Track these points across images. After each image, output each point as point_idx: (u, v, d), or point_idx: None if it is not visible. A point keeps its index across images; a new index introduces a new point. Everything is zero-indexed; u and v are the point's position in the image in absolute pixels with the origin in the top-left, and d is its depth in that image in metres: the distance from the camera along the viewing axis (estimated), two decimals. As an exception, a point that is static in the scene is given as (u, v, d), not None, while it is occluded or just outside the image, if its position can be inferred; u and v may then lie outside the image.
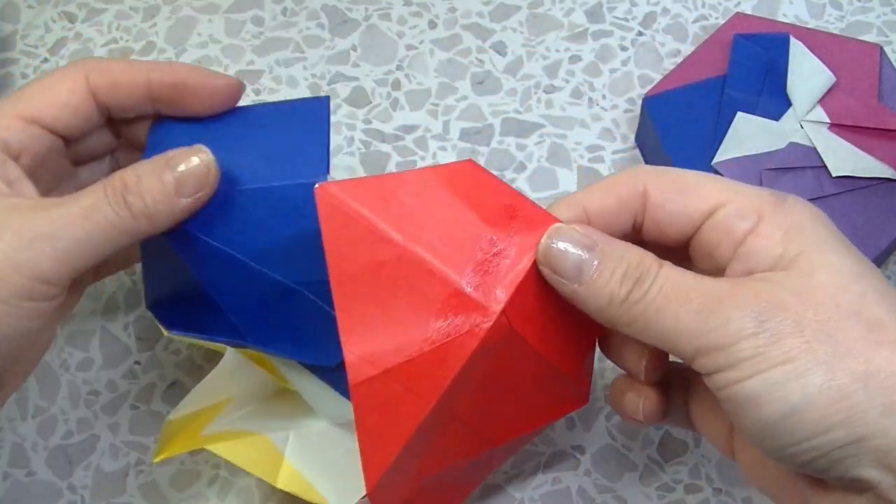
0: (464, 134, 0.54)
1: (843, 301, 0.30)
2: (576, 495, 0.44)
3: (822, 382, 0.29)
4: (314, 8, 0.58)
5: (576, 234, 0.33)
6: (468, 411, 0.34)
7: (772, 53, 0.51)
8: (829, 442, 0.29)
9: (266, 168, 0.35)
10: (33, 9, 0.58)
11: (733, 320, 0.30)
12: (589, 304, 0.32)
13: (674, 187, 0.33)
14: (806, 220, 0.32)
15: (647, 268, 0.32)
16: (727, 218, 0.32)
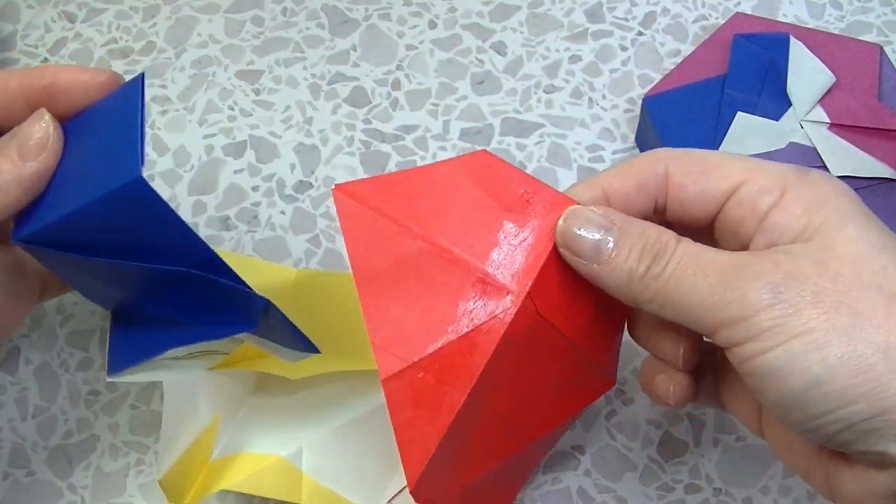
0: (464, 134, 0.54)
1: (865, 272, 0.30)
2: (576, 495, 0.44)
3: (842, 353, 0.29)
4: (314, 8, 0.58)
5: (593, 214, 0.33)
6: (503, 403, 0.34)
7: (772, 53, 0.51)
8: (852, 414, 0.29)
9: (91, 176, 0.33)
10: (33, 9, 0.58)
11: (751, 292, 0.30)
12: (609, 282, 0.33)
13: (696, 168, 0.34)
14: (829, 192, 0.32)
15: (665, 244, 0.32)
16: (750, 194, 0.33)
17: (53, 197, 0.34)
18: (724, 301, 0.30)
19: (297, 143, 0.53)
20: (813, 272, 0.30)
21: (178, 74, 0.55)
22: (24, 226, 0.34)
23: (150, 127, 0.54)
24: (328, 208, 0.51)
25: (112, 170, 0.32)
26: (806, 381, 0.29)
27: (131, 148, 0.31)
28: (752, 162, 0.33)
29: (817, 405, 0.29)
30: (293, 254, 0.50)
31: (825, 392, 0.29)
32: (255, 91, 0.55)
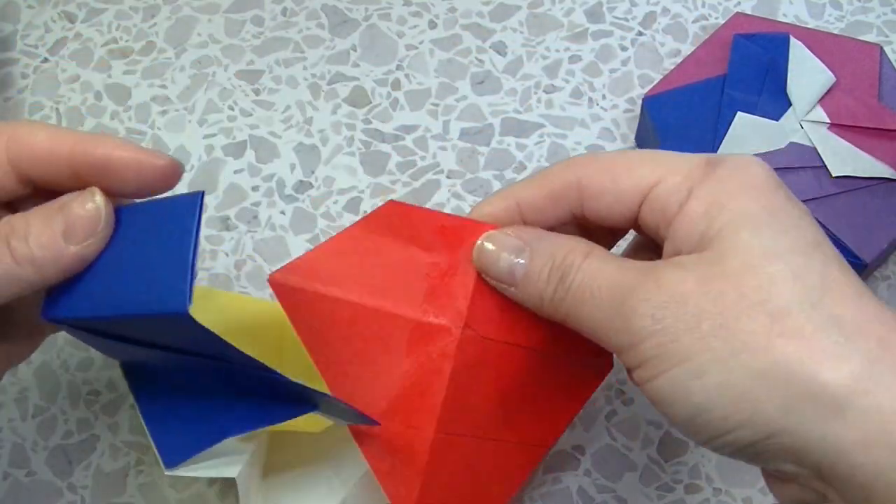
0: (464, 134, 0.54)
1: (749, 288, 0.29)
2: (576, 495, 0.44)
3: (719, 381, 0.28)
4: (314, 8, 0.58)
5: (505, 237, 0.33)
6: (492, 427, 0.34)
7: (772, 53, 0.51)
8: (738, 439, 0.29)
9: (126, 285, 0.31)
10: (33, 9, 0.58)
11: (634, 319, 0.29)
12: (527, 303, 0.33)
13: (606, 176, 0.33)
14: (733, 189, 0.30)
15: (570, 264, 0.32)
16: (659, 198, 0.32)
17: (91, 284, 0.32)
18: (613, 328, 0.30)
19: (297, 143, 0.53)
20: (696, 293, 0.29)
21: (178, 74, 0.55)
22: (55, 307, 0.32)
23: (150, 127, 0.54)
24: (328, 208, 0.51)
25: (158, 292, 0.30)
26: (690, 409, 0.29)
27: (181, 279, 0.30)
28: (662, 159, 0.32)
29: (705, 431, 0.29)
30: (293, 254, 0.50)
31: (708, 420, 0.29)
32: (255, 91, 0.55)
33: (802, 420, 0.27)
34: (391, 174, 0.52)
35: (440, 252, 0.33)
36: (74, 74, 0.55)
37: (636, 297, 0.30)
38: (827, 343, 0.28)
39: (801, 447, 0.28)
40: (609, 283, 0.31)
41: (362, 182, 0.52)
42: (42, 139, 0.33)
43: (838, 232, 0.46)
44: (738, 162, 0.31)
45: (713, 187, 0.31)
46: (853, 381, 0.27)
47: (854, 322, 0.28)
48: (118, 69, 0.56)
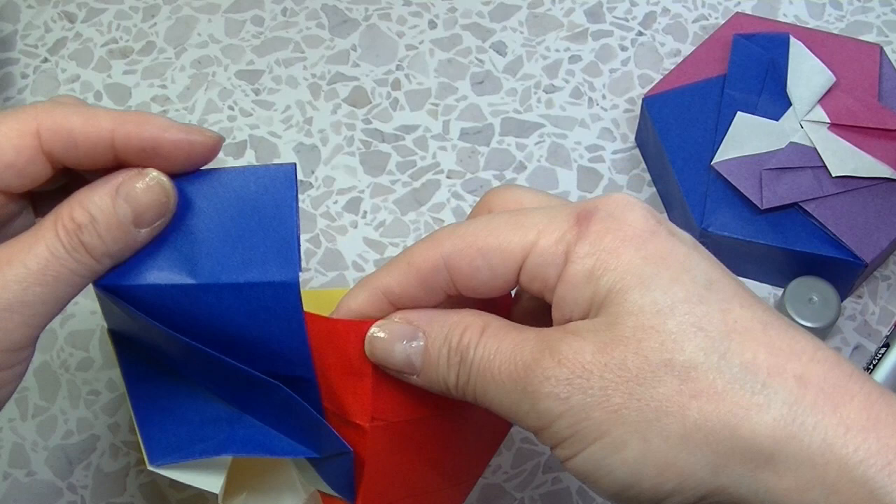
0: (464, 134, 0.54)
1: (649, 352, 0.27)
2: (576, 495, 0.44)
3: (641, 453, 0.27)
4: (314, 8, 0.58)
5: (394, 325, 0.31)
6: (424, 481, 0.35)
7: (772, 53, 0.51)
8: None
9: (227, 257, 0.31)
10: (33, 9, 0.58)
11: (540, 401, 0.28)
12: (434, 390, 0.31)
13: (474, 252, 0.30)
14: (610, 246, 0.29)
15: (468, 343, 0.30)
16: (535, 267, 0.30)
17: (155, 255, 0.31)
18: (522, 411, 0.29)
19: (297, 143, 0.53)
20: (598, 364, 0.28)
21: (178, 74, 0.55)
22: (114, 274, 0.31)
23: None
24: (328, 208, 0.51)
25: (261, 262, 0.30)
26: (615, 484, 0.28)
27: (289, 248, 0.30)
28: (529, 223, 0.30)
29: (638, 502, 0.28)
30: (293, 254, 0.50)
31: (637, 493, 0.28)
32: (255, 91, 0.55)
33: (732, 477, 0.27)
34: (391, 174, 0.52)
35: (329, 356, 0.32)
36: (74, 74, 0.55)
37: (537, 377, 0.28)
38: (743, 395, 0.27)
39: (739, 501, 0.27)
40: (508, 362, 0.29)
41: (362, 182, 0.52)
42: (80, 123, 0.31)
43: (838, 232, 0.46)
44: (610, 210, 0.29)
45: (590, 247, 0.29)
46: (776, 428, 0.27)
47: (767, 365, 0.27)
48: (118, 69, 0.56)
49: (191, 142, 0.31)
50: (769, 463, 0.27)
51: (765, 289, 0.50)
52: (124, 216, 0.30)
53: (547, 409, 0.28)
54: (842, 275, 0.47)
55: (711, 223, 0.47)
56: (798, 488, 0.27)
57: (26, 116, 0.31)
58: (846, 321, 0.49)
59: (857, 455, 0.26)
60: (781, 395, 0.27)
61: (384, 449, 0.33)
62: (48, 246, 0.30)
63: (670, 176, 0.49)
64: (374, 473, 0.34)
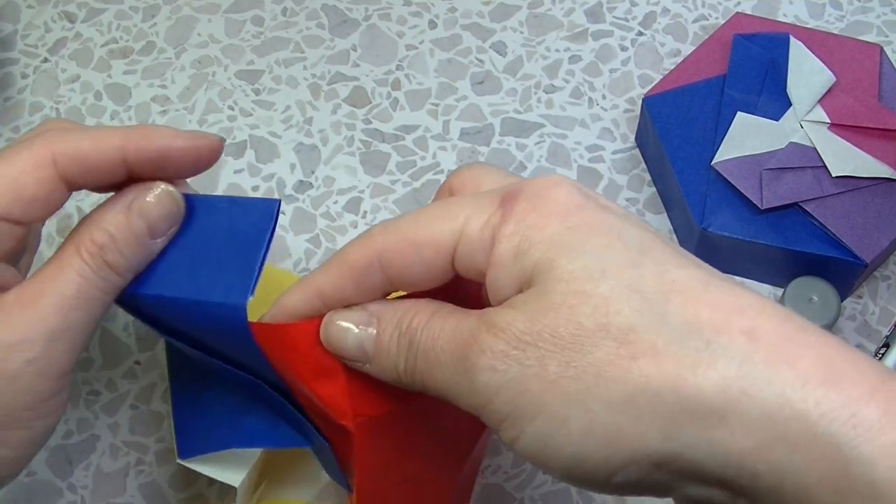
0: (464, 134, 0.54)
1: (585, 315, 0.26)
2: (576, 495, 0.44)
3: (585, 424, 0.26)
4: (314, 8, 0.58)
5: (348, 313, 0.31)
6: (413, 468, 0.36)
7: (772, 53, 0.51)
8: (629, 476, 0.26)
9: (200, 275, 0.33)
10: (33, 9, 0.58)
11: (477, 375, 0.27)
12: (385, 378, 0.31)
13: (407, 246, 0.30)
14: (534, 222, 0.28)
15: (416, 326, 0.29)
16: (466, 255, 0.29)
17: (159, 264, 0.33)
18: (462, 390, 0.28)
19: (297, 143, 0.53)
20: (532, 332, 0.26)
21: (178, 74, 0.55)
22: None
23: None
24: (328, 208, 0.51)
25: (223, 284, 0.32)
26: (565, 462, 0.26)
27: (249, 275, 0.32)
28: (456, 210, 0.30)
29: (592, 479, 0.27)
30: (293, 254, 0.50)
31: (588, 469, 0.26)
32: (255, 91, 0.55)
33: (686, 441, 0.25)
34: (391, 174, 0.52)
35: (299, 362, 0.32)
36: (74, 74, 0.55)
37: (474, 351, 0.27)
38: (686, 353, 0.25)
39: (696, 467, 0.26)
40: (450, 341, 0.28)
41: (362, 182, 0.52)
42: (88, 146, 0.32)
43: (838, 232, 0.46)
44: (535, 189, 0.29)
45: (514, 226, 0.28)
46: (726, 385, 0.25)
47: (711, 322, 0.26)
48: (118, 69, 0.56)
49: (197, 147, 0.33)
50: (722, 422, 0.25)
51: (765, 289, 0.50)
52: (140, 231, 0.32)
53: (485, 384, 0.27)
54: (842, 275, 0.47)
55: (711, 223, 0.47)
56: (758, 447, 0.25)
57: (40, 147, 0.32)
58: (846, 321, 0.49)
59: (819, 409, 0.24)
60: (729, 351, 0.25)
61: (372, 444, 0.33)
62: (77, 271, 0.31)
63: (670, 176, 0.49)
64: (366, 469, 0.34)
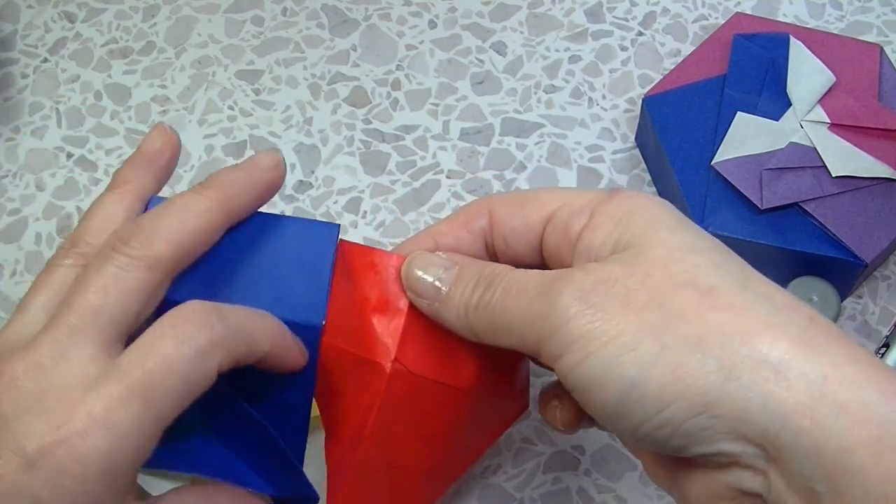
0: (464, 134, 0.54)
1: (676, 271, 0.29)
2: (576, 495, 0.44)
3: (654, 352, 0.28)
4: (314, 8, 0.58)
5: (434, 256, 0.34)
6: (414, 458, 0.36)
7: (772, 53, 0.51)
8: (675, 414, 0.28)
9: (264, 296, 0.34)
10: (33, 9, 0.58)
11: (561, 300, 0.29)
12: (449, 317, 0.33)
13: (514, 204, 0.34)
14: (639, 204, 0.31)
15: (498, 274, 0.32)
16: (562, 220, 0.33)
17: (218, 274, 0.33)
18: (539, 313, 0.30)
19: (297, 143, 0.53)
20: (622, 275, 0.29)
21: (178, 74, 0.55)
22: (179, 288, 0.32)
23: (150, 127, 0.54)
24: (328, 208, 0.51)
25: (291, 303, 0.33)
26: (623, 385, 0.28)
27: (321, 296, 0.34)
28: (566, 191, 0.34)
29: (639, 409, 0.28)
30: (293, 254, 0.50)
31: (643, 394, 0.28)
32: (255, 91, 0.55)
33: (742, 386, 0.27)
34: (391, 174, 0.52)
35: (370, 288, 0.34)
36: (74, 74, 0.55)
37: (564, 282, 0.30)
38: (760, 313, 0.28)
39: (742, 417, 0.27)
40: (536, 279, 0.31)
41: (362, 182, 0.52)
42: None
43: (838, 232, 0.46)
44: (634, 192, 0.32)
45: (618, 205, 0.31)
46: (792, 345, 0.27)
47: (783, 301, 0.29)
48: (118, 69, 0.56)
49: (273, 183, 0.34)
50: (781, 376, 0.27)
51: (765, 289, 0.50)
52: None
53: (565, 306, 0.29)
54: (842, 275, 0.47)
55: (711, 223, 0.47)
56: (808, 404, 0.27)
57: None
58: (846, 321, 0.49)
59: (868, 383, 0.27)
60: (796, 323, 0.28)
61: (396, 400, 0.34)
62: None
63: (670, 176, 0.49)
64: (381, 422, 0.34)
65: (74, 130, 0.54)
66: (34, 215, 0.51)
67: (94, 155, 0.53)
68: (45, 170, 0.53)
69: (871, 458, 0.26)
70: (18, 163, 0.53)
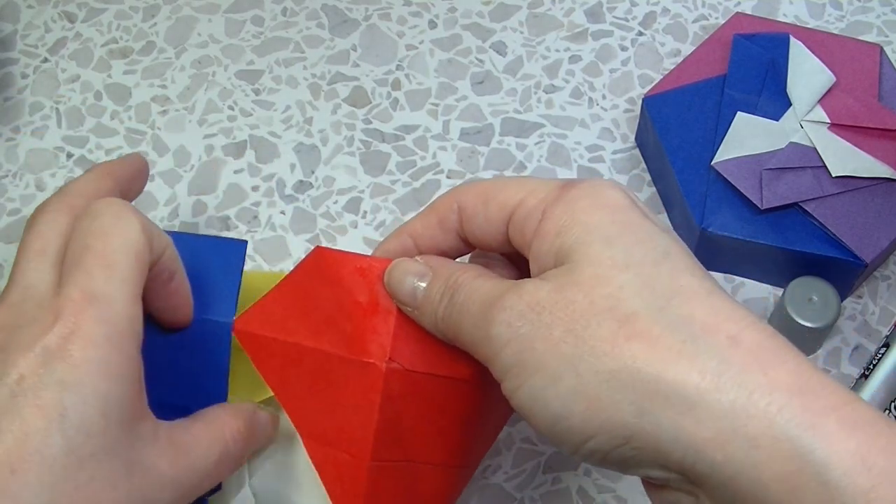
0: (464, 134, 0.54)
1: (598, 296, 0.29)
2: (576, 495, 0.44)
3: (573, 386, 0.28)
4: (314, 8, 0.58)
5: (411, 263, 0.35)
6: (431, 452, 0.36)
7: (772, 53, 0.51)
8: (601, 445, 0.29)
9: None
10: (33, 9, 0.58)
11: (494, 326, 0.30)
12: (425, 323, 0.34)
13: (479, 199, 0.34)
14: (584, 207, 0.31)
15: (461, 283, 0.33)
16: (519, 220, 0.33)
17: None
18: (479, 338, 0.31)
19: (297, 143, 0.53)
20: (549, 301, 0.29)
21: (178, 74, 0.55)
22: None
23: (150, 127, 0.54)
24: (328, 208, 0.51)
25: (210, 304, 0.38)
26: (550, 417, 0.29)
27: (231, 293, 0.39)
28: (527, 184, 0.33)
29: (568, 439, 0.29)
30: (293, 254, 0.50)
31: (568, 427, 0.29)
32: (255, 91, 0.55)
33: (654, 421, 0.27)
34: (391, 174, 0.52)
35: (360, 292, 0.35)
36: (74, 74, 0.55)
37: (498, 306, 0.30)
38: (673, 342, 0.28)
39: (659, 449, 0.28)
40: (484, 296, 0.31)
41: (362, 182, 0.52)
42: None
43: (838, 232, 0.46)
44: (592, 184, 0.32)
45: (565, 206, 0.31)
46: (701, 378, 0.27)
47: (703, 321, 0.28)
48: (118, 69, 0.56)
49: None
50: (691, 411, 0.27)
51: (765, 289, 0.50)
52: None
53: (497, 335, 0.30)
54: (842, 275, 0.47)
55: (711, 223, 0.47)
56: (718, 439, 0.27)
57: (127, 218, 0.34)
58: (846, 321, 0.49)
59: (781, 413, 0.26)
60: (711, 350, 0.28)
61: (397, 398, 0.34)
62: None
63: (670, 176, 0.49)
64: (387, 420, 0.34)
65: (74, 130, 0.54)
66: (34, 215, 0.51)
67: (94, 155, 0.53)
68: (45, 170, 0.53)
69: (786, 494, 0.26)
70: (18, 163, 0.53)
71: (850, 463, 0.26)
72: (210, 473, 0.34)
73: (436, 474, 0.37)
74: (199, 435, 0.34)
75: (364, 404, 0.34)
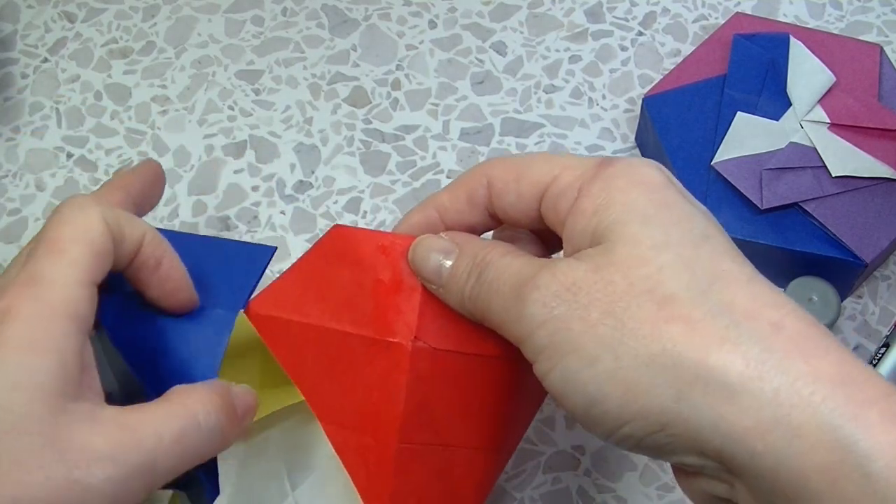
0: (464, 134, 0.54)
1: (637, 278, 0.28)
2: (576, 495, 0.44)
3: (609, 369, 0.28)
4: (314, 8, 0.58)
5: (436, 240, 0.34)
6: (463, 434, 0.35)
7: (772, 53, 0.51)
8: (635, 431, 0.28)
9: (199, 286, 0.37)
10: (33, 9, 0.58)
11: (528, 306, 0.29)
12: (451, 301, 0.33)
13: (510, 175, 0.33)
14: (621, 186, 0.30)
15: (489, 260, 0.32)
16: (552, 197, 0.32)
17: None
18: (512, 318, 0.30)
19: (297, 143, 0.53)
20: (586, 281, 0.29)
21: (178, 74, 0.55)
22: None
23: (150, 127, 0.54)
24: (328, 208, 0.51)
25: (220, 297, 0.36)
26: (585, 400, 0.28)
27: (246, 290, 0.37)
28: (560, 161, 0.33)
29: (602, 423, 0.28)
30: (293, 254, 0.50)
31: (604, 411, 0.28)
32: (255, 91, 0.55)
33: (693, 407, 0.27)
34: (391, 174, 0.52)
35: (382, 270, 0.34)
36: (74, 74, 0.55)
37: (531, 285, 0.30)
38: (716, 328, 0.27)
39: (696, 436, 0.27)
40: (514, 276, 0.31)
41: (362, 182, 0.52)
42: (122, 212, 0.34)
43: (838, 232, 0.46)
44: (630, 162, 0.31)
45: (602, 184, 0.30)
46: (744, 366, 0.27)
47: (745, 307, 0.28)
48: (118, 69, 0.56)
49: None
50: (732, 398, 0.26)
51: (765, 289, 0.49)
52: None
53: (531, 315, 0.29)
54: (842, 275, 0.47)
55: (711, 223, 0.47)
56: (758, 429, 0.26)
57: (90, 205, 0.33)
58: (846, 321, 0.49)
59: (825, 403, 0.26)
60: (754, 336, 0.27)
61: (424, 379, 0.33)
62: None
63: (670, 176, 0.49)
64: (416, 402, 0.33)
65: (74, 130, 0.54)
66: (34, 215, 0.51)
67: (94, 155, 0.53)
68: (45, 170, 0.53)
69: (827, 484, 0.26)
70: (18, 163, 0.53)
71: (892, 455, 0.25)
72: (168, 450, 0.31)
73: (470, 459, 0.35)
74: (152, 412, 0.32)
75: (389, 386, 0.33)
